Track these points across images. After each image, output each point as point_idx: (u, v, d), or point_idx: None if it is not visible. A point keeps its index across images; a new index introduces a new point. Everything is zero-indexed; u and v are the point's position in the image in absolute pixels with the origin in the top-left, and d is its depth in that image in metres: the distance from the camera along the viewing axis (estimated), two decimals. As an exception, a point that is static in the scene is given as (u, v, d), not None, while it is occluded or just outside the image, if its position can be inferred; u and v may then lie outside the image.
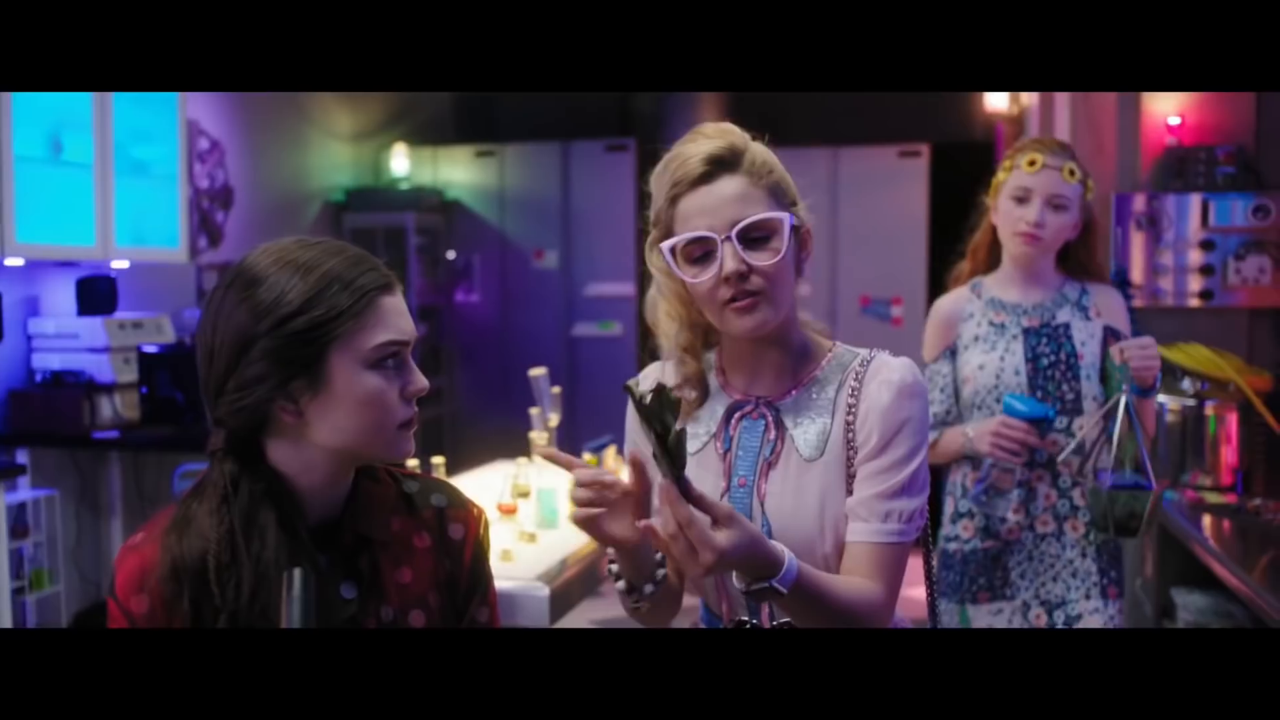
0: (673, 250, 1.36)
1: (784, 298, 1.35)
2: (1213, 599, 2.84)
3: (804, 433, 1.38)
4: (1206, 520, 2.78)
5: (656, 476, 1.20)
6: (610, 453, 2.91)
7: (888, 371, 1.37)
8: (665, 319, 1.43)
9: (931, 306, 2.41)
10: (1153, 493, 2.14)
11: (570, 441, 3.08)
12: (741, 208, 1.32)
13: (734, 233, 1.31)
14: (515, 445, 4.03)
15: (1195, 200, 3.52)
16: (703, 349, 1.44)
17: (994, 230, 2.35)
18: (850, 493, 1.35)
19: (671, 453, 1.16)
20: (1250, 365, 3.29)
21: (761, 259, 1.32)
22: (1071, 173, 2.25)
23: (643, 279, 6.38)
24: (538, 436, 2.88)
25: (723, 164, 1.33)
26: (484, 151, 6.60)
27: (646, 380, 1.48)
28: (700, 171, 1.33)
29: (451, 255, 6.53)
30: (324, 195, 6.16)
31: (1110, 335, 2.29)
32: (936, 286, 2.79)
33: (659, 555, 1.39)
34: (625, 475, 1.32)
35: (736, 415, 1.41)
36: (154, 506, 4.33)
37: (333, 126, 6.20)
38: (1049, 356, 2.27)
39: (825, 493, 1.35)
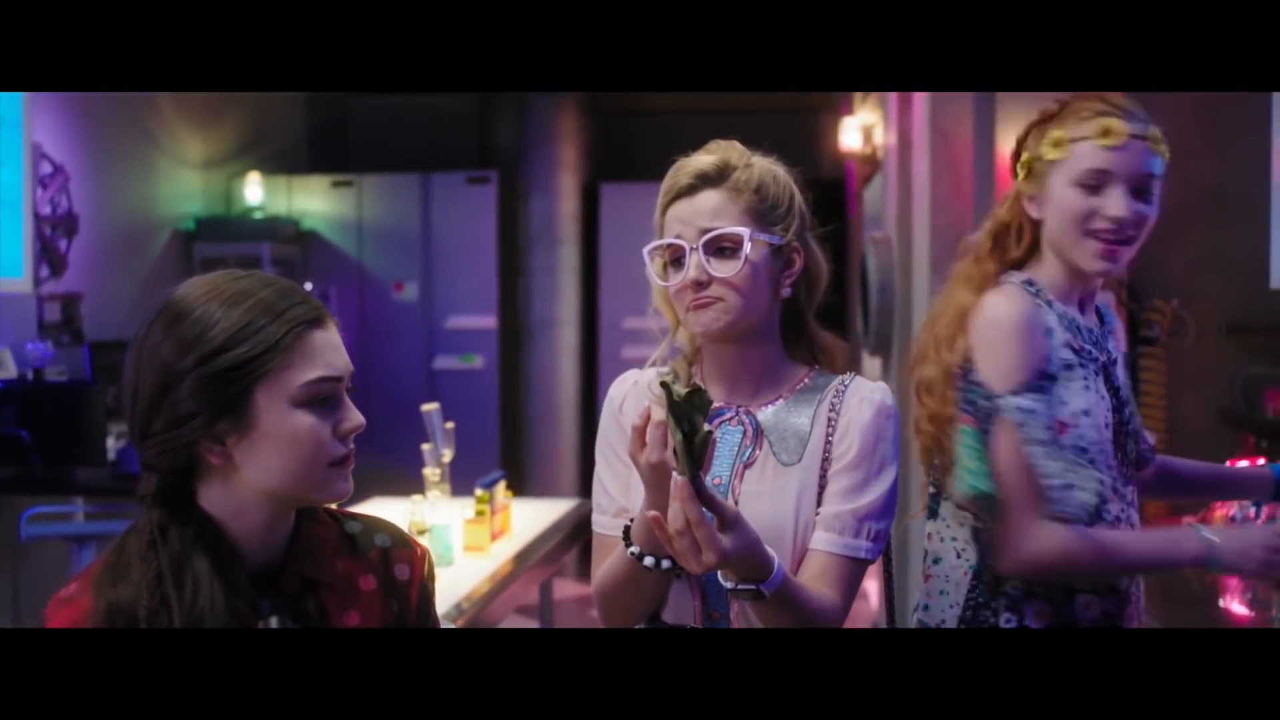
0: (653, 254, 1.46)
1: (747, 306, 1.41)
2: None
3: (782, 439, 1.43)
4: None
5: (672, 471, 1.25)
6: (501, 488, 2.89)
7: (868, 391, 1.44)
8: (656, 316, 1.52)
9: (986, 305, 1.56)
10: None
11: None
12: (711, 220, 1.41)
13: (701, 242, 1.41)
14: (384, 481, 3.93)
15: (1046, 239, 3.73)
16: (693, 352, 1.51)
17: (1028, 218, 1.62)
18: (820, 500, 1.41)
19: (694, 453, 1.22)
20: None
21: (724, 269, 1.41)
22: (1158, 142, 1.56)
23: (504, 311, 6.27)
24: (430, 473, 2.84)
25: (707, 179, 1.43)
26: (341, 182, 6.47)
27: (623, 385, 1.51)
28: (686, 184, 1.44)
29: (309, 287, 6.36)
30: (173, 224, 5.92)
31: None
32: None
33: None
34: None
35: (715, 421, 1.44)
36: (-8, 554, 4.07)
37: (182, 153, 5.97)
38: (1128, 405, 1.63)
39: (801, 496, 1.40)
